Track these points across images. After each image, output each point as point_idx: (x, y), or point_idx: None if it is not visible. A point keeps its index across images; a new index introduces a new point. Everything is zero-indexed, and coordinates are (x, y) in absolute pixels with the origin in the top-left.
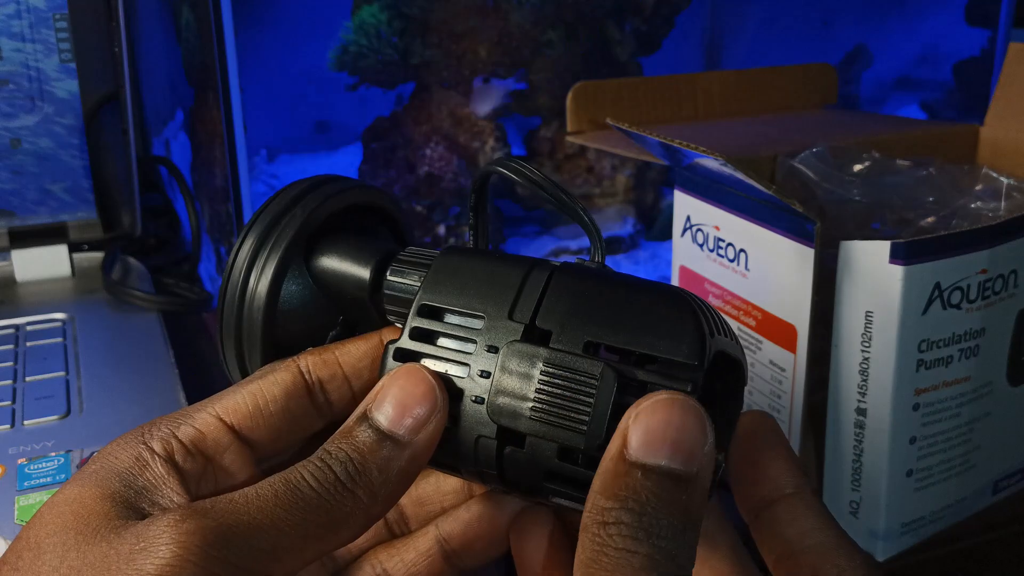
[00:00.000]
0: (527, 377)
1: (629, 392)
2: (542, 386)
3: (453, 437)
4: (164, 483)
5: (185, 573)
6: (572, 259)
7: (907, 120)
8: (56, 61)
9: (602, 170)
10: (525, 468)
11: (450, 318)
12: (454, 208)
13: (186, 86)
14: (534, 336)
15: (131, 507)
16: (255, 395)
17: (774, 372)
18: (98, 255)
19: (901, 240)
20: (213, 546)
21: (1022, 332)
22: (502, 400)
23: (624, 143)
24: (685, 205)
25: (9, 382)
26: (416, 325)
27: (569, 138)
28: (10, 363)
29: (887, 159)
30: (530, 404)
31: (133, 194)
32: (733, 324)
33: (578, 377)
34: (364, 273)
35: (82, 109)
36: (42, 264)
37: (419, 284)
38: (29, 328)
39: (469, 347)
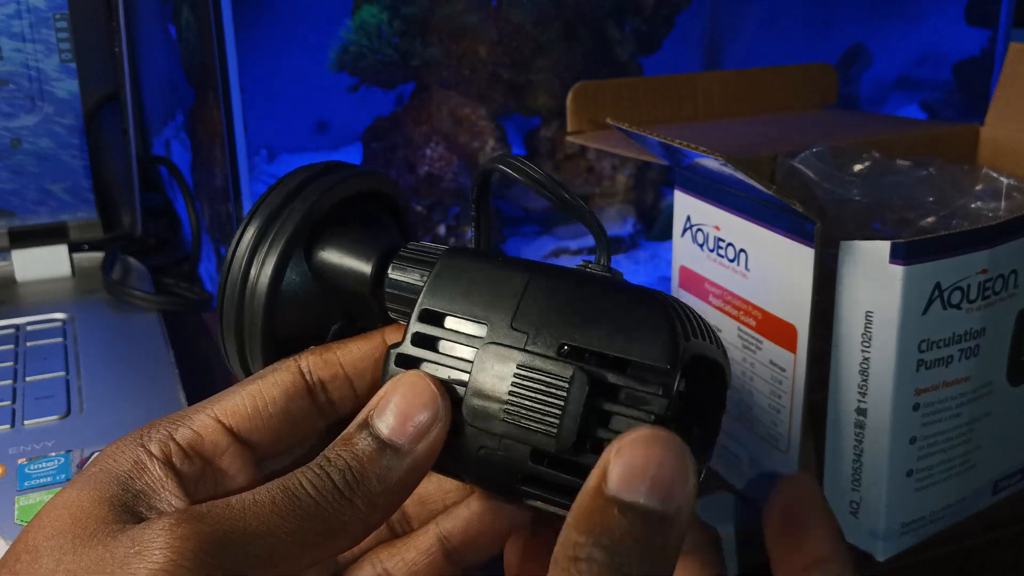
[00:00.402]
0: (501, 379)
1: (601, 396)
2: (515, 388)
3: (456, 445)
4: (162, 486)
5: None
6: (575, 260)
7: (907, 120)
8: (56, 61)
9: (602, 170)
10: (500, 470)
11: (452, 323)
12: (454, 208)
13: (186, 86)
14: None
15: (128, 510)
16: (254, 396)
17: (774, 372)
18: (98, 255)
19: (901, 240)
20: (208, 552)
21: (1022, 332)
22: (476, 402)
23: (624, 143)
24: (685, 205)
25: (9, 382)
26: (418, 331)
27: (569, 138)
28: (10, 363)
29: (887, 159)
30: (503, 407)
31: (133, 194)
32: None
33: (549, 380)
34: (365, 268)
35: (82, 109)
36: (42, 264)
37: (422, 283)
38: (29, 328)
39: (471, 354)
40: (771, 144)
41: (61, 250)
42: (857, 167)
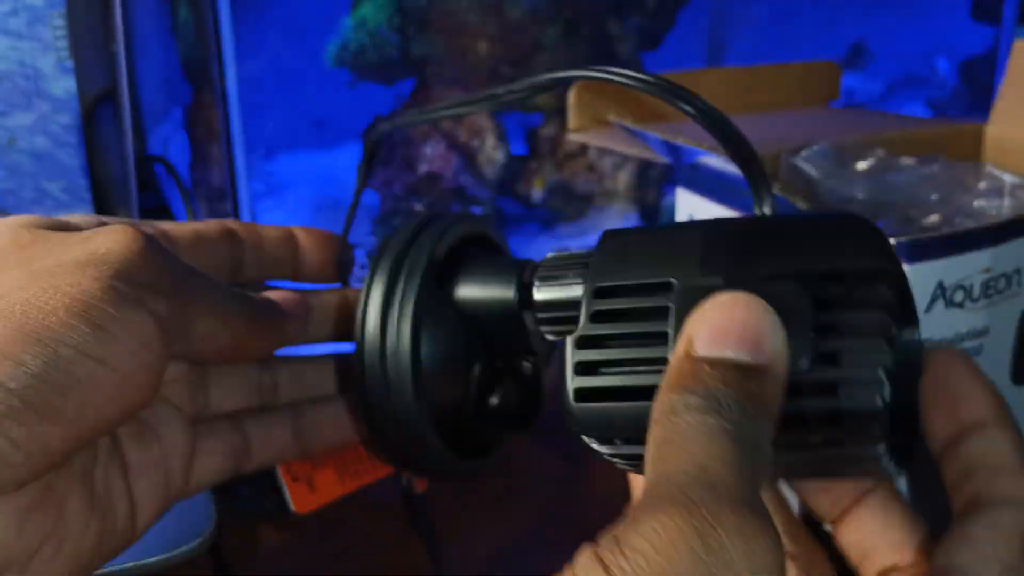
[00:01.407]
0: None
1: (823, 310)
2: None
3: None
4: None
5: (135, 258)
6: None
7: (911, 118)
8: (53, 59)
9: (603, 168)
10: None
11: (632, 296)
12: (454, 207)
13: (184, 84)
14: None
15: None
16: None
17: None
18: None
19: (904, 238)
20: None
21: None
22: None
23: (626, 141)
24: (687, 203)
25: None
26: (598, 308)
27: (570, 136)
28: None
29: (891, 157)
30: None
31: (130, 193)
32: None
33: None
34: (508, 291)
35: (79, 107)
36: None
37: (579, 281)
38: None
39: (664, 317)
40: (774, 141)
41: None
42: (861, 165)
